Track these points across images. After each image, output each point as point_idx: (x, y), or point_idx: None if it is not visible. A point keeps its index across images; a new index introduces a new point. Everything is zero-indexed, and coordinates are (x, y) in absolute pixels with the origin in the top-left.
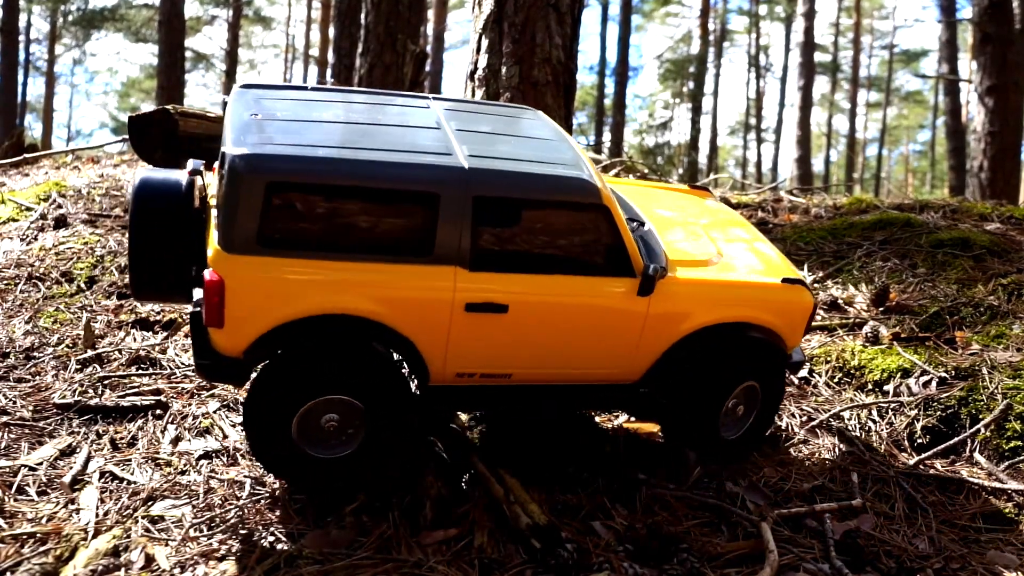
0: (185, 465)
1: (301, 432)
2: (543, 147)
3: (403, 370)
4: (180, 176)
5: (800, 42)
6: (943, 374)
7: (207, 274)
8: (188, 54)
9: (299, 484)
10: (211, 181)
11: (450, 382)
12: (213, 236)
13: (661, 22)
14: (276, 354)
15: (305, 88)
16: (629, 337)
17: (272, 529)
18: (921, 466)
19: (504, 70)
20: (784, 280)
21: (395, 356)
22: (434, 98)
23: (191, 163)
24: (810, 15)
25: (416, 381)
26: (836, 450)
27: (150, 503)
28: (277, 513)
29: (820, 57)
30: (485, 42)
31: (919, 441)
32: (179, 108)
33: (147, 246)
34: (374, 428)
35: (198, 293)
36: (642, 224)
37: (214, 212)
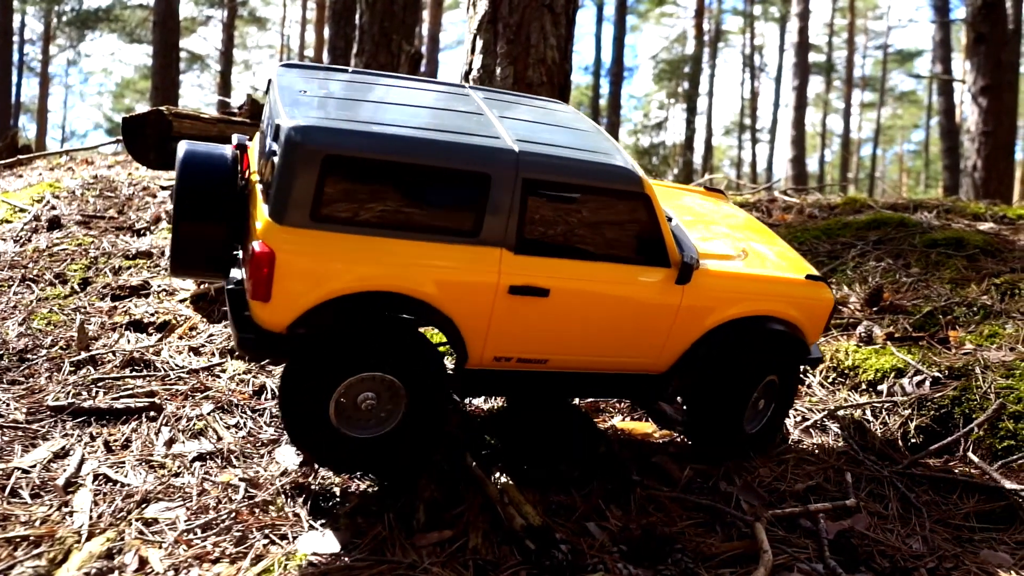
0: (179, 467)
1: (338, 411)
2: (582, 137)
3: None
4: (225, 150)
5: (794, 42)
6: (936, 374)
7: (256, 246)
8: (183, 55)
9: (332, 464)
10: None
11: (488, 366)
12: (261, 209)
13: (656, 22)
14: (319, 329)
15: (345, 70)
16: (661, 327)
17: (266, 531)
18: (915, 466)
19: (499, 71)
20: (808, 277)
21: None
22: (470, 87)
23: (236, 138)
24: (804, 15)
25: (454, 363)
26: (830, 450)
27: (144, 505)
28: (271, 515)
29: (814, 57)
30: (480, 43)
31: (913, 441)
32: (173, 109)
33: (192, 219)
34: (412, 408)
35: (236, 272)
36: (670, 219)
37: (258, 187)
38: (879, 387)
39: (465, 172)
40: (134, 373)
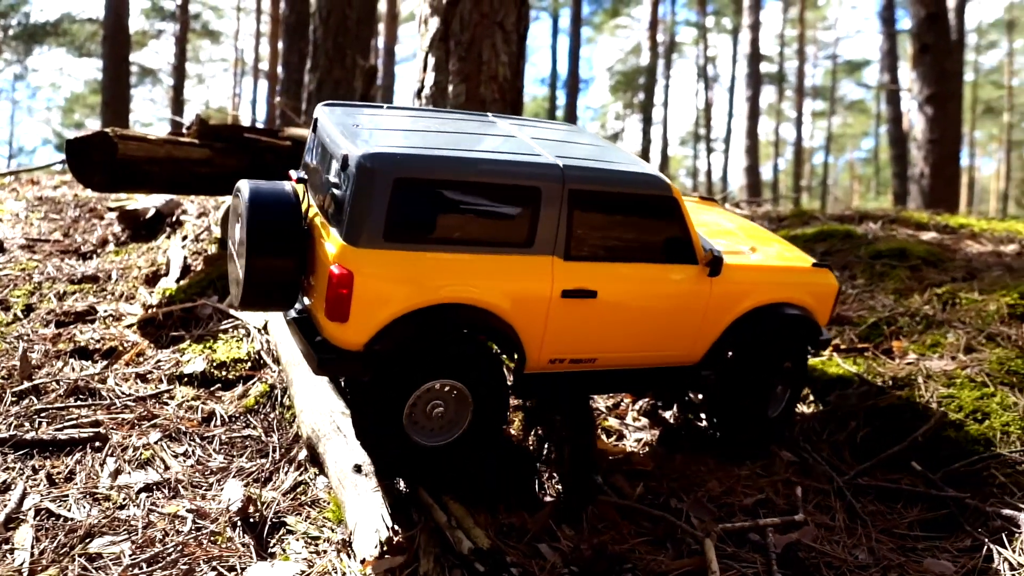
0: (124, 499)
1: (410, 419)
2: (605, 151)
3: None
4: (286, 186)
5: (747, 53)
6: (881, 384)
7: (335, 269)
8: (134, 68)
9: (405, 473)
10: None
11: (543, 368)
12: (333, 235)
13: (611, 34)
14: (394, 343)
15: (380, 106)
16: (694, 319)
17: (214, 563)
18: (861, 476)
19: (451, 88)
20: (814, 264)
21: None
22: (492, 115)
23: (295, 173)
24: (755, 27)
25: (513, 368)
26: (779, 462)
27: (88, 540)
28: (220, 547)
29: (766, 68)
30: (432, 60)
31: (859, 451)
32: (119, 131)
33: (264, 254)
34: (477, 414)
35: (298, 301)
36: None
37: (318, 219)
38: (827, 398)
39: (518, 187)
40: (79, 402)
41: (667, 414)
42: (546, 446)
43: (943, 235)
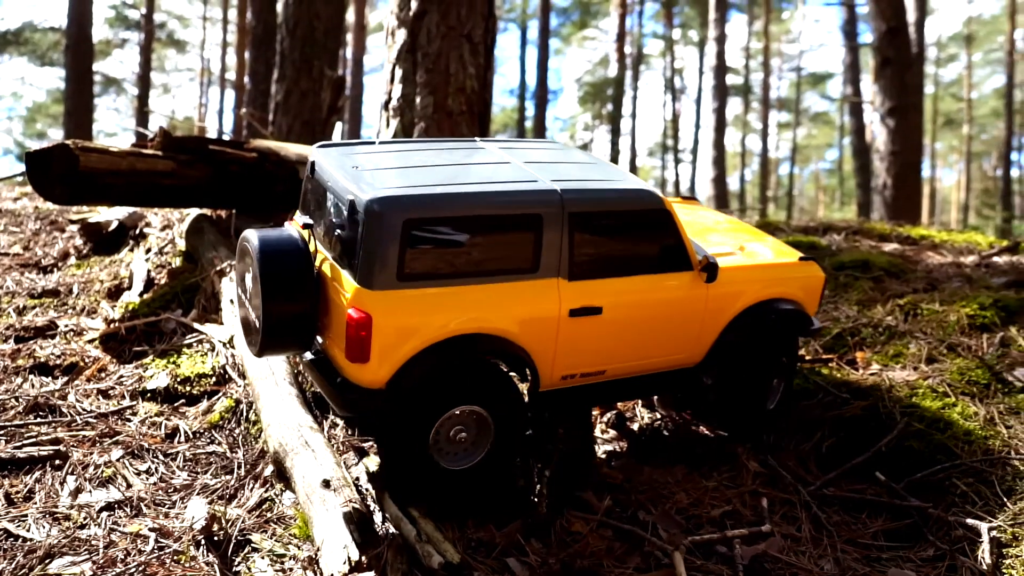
0: (85, 518)
1: (435, 445)
2: (595, 169)
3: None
4: (292, 231)
5: (713, 65)
6: (846, 395)
7: (352, 312)
8: (97, 78)
9: (430, 497)
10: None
11: (556, 385)
12: (345, 278)
13: (579, 45)
14: (414, 378)
15: (372, 142)
16: (694, 323)
17: None
18: (826, 486)
19: (419, 100)
20: (801, 258)
21: (507, 369)
22: (480, 140)
23: (301, 218)
24: (721, 39)
25: (528, 389)
26: (746, 473)
27: (47, 561)
28: (183, 566)
29: (732, 80)
30: (399, 72)
31: (825, 461)
32: (80, 143)
33: (278, 301)
34: (500, 437)
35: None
36: None
37: (328, 261)
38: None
39: (521, 215)
40: (38, 419)
41: (635, 426)
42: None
43: (905, 246)
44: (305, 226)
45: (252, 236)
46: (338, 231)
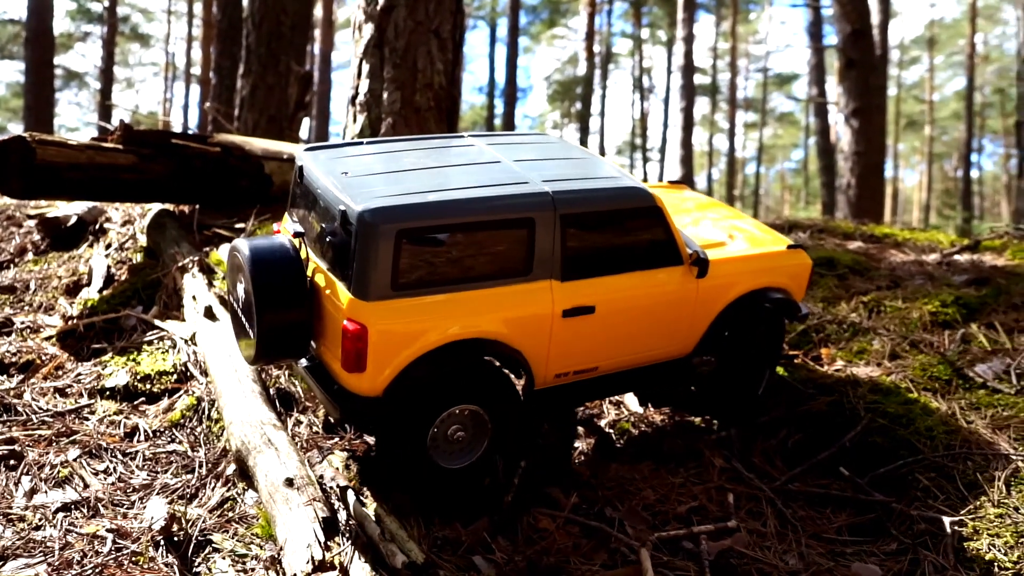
0: (40, 519)
1: (432, 444)
2: (587, 165)
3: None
4: (283, 239)
5: (681, 65)
6: (811, 391)
7: (348, 324)
8: (59, 72)
9: (430, 495)
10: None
11: (550, 384)
12: (340, 288)
13: (548, 44)
14: (411, 385)
15: (360, 143)
16: (686, 316)
17: None
18: (791, 482)
19: (386, 95)
20: (789, 247)
21: (502, 367)
22: (469, 135)
23: (291, 226)
24: (689, 39)
25: (523, 388)
26: (712, 469)
27: (1, 564)
28: (141, 567)
29: (700, 80)
30: (366, 67)
31: (790, 457)
32: (37, 135)
33: (275, 316)
34: (497, 434)
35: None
36: None
37: (321, 268)
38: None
39: (512, 220)
40: None
41: (602, 422)
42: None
43: (869, 244)
44: (296, 234)
45: (243, 246)
46: (330, 239)
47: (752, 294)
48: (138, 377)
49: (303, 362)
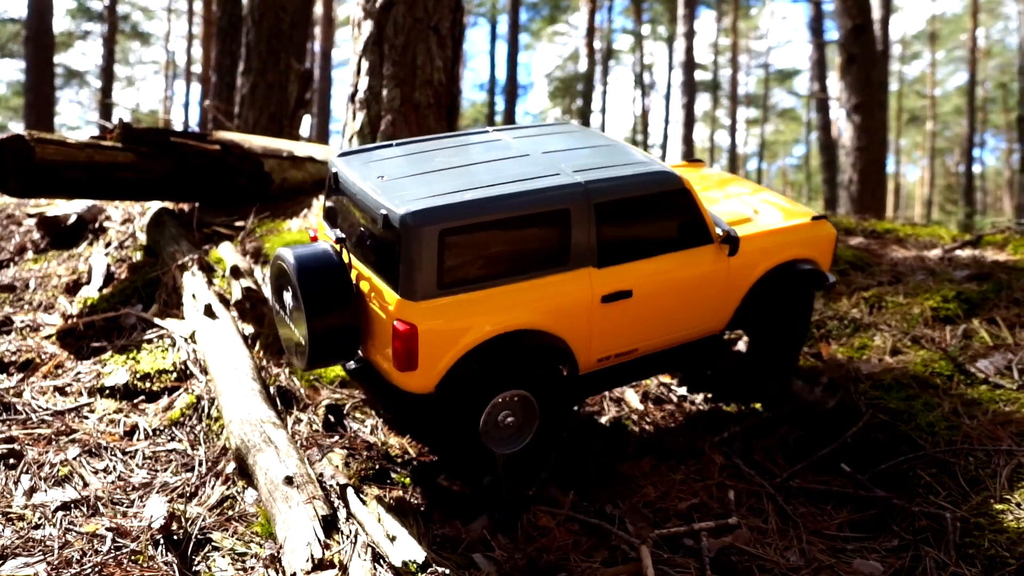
0: (40, 518)
1: (484, 431)
2: (613, 152)
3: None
4: (325, 246)
5: (682, 61)
6: (812, 387)
7: (398, 324)
8: (59, 70)
9: (482, 480)
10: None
11: (592, 368)
12: (385, 288)
13: (549, 41)
14: (462, 378)
15: (389, 146)
16: (719, 293)
17: None
18: (792, 478)
19: (385, 92)
20: (813, 218)
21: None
22: (494, 130)
23: (331, 232)
24: (690, 35)
25: (567, 375)
26: (713, 466)
27: (0, 562)
28: (141, 566)
29: (701, 76)
30: (365, 64)
31: (791, 454)
32: (36, 134)
33: (324, 321)
34: (545, 418)
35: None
36: None
37: (363, 270)
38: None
39: (549, 212)
40: None
41: (603, 419)
42: None
43: (870, 240)
44: (338, 240)
45: (287, 254)
46: (372, 243)
47: (781, 266)
48: (138, 375)
49: (350, 364)
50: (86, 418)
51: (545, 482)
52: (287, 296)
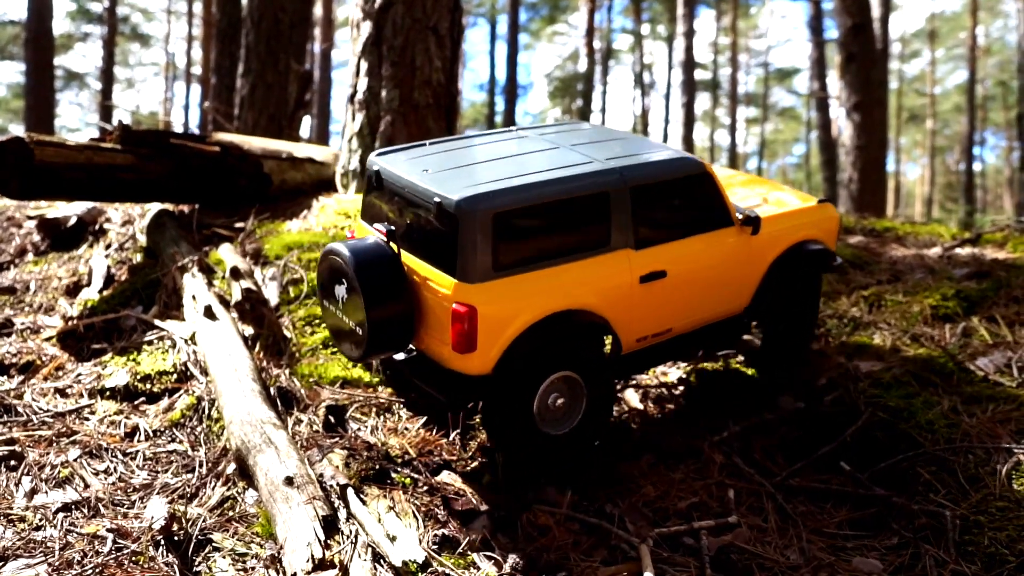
0: (41, 520)
1: (538, 412)
2: (633, 143)
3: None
4: (378, 240)
5: (681, 61)
6: (811, 385)
7: (457, 307)
8: (59, 72)
9: (535, 463)
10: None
11: (632, 348)
12: (440, 274)
13: (548, 41)
14: (517, 359)
15: (422, 145)
16: (742, 272)
17: None
18: (792, 477)
19: (384, 93)
20: (819, 201)
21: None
22: (517, 129)
23: (380, 226)
24: (689, 35)
25: (611, 353)
26: (713, 465)
27: (1, 564)
28: (142, 567)
29: (701, 75)
30: (364, 65)
31: (791, 452)
32: (35, 136)
33: (383, 313)
34: (592, 399)
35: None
36: None
37: (412, 261)
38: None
39: (590, 196)
40: None
41: None
42: None
43: (869, 239)
44: (388, 233)
45: (341, 249)
46: (423, 233)
47: (794, 247)
48: (138, 377)
49: (400, 355)
50: (87, 419)
51: (544, 482)
52: (339, 289)
